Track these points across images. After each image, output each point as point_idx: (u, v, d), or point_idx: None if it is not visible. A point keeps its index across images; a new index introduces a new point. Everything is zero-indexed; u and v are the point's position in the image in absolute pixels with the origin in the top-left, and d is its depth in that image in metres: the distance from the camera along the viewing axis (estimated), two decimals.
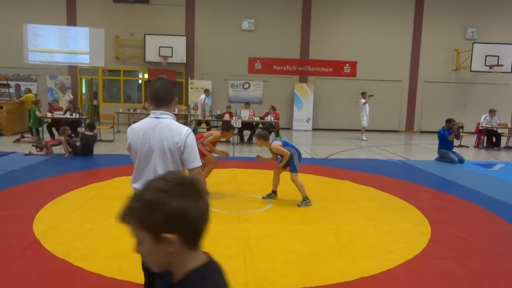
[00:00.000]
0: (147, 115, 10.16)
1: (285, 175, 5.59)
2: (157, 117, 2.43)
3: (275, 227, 4.42)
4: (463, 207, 5.47)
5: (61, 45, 16.24)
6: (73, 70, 16.76)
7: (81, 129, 10.92)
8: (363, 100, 13.65)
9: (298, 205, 5.28)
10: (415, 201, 5.59)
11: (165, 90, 2.47)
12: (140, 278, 3.11)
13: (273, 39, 17.01)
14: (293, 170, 5.39)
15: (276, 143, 5.48)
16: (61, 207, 4.97)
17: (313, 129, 17.16)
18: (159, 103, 2.45)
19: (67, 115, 11.20)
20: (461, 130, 10.82)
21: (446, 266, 3.52)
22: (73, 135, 10.55)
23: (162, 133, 2.37)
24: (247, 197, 5.65)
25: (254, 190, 6.02)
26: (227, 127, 6.23)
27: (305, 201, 5.33)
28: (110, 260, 3.46)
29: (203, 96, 12.81)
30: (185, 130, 2.40)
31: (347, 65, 16.84)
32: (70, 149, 8.74)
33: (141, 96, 17.54)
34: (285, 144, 5.54)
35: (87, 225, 4.31)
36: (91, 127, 9.13)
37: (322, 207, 5.25)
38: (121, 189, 5.90)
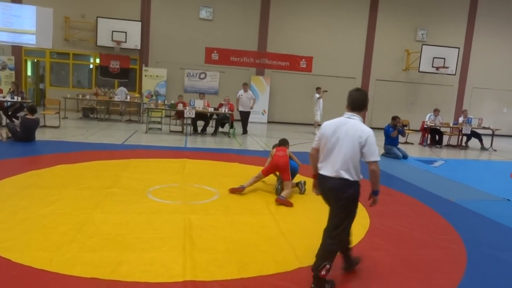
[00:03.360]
0: (97, 101, 10.10)
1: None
2: (349, 118, 3.10)
3: (219, 218, 4.41)
4: (401, 201, 5.73)
5: (4, 23, 15.15)
6: (18, 51, 15.76)
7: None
8: (317, 95, 13.90)
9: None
10: None
11: (361, 99, 3.14)
12: (71, 270, 3.00)
13: (231, 30, 16.88)
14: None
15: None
16: None
17: (268, 122, 17.29)
18: (354, 107, 3.13)
19: (8, 98, 10.52)
20: (405, 128, 11.30)
21: (380, 256, 3.67)
22: (13, 119, 9.95)
23: (349, 130, 3.00)
24: (194, 188, 5.59)
25: (201, 181, 5.96)
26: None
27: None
28: (41, 251, 3.29)
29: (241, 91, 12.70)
30: (367, 131, 2.99)
31: (304, 60, 17.05)
32: (9, 134, 8.23)
33: (91, 81, 16.82)
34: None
35: (19, 214, 4.07)
36: (32, 110, 8.59)
37: (268, 199, 5.30)
38: (62, 178, 5.67)
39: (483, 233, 4.56)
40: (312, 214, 4.81)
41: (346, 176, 2.95)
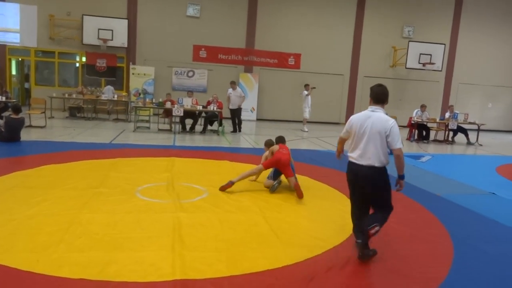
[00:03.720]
0: (84, 100, 9.98)
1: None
2: (373, 111, 3.51)
3: (209, 216, 4.39)
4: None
5: None
6: (1, 49, 15.50)
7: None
8: (305, 92, 13.94)
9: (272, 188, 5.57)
10: (347, 191, 5.79)
11: (383, 94, 3.56)
12: (59, 271, 2.97)
13: (218, 27, 16.82)
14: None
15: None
16: None
17: (257, 119, 17.29)
18: (377, 101, 3.55)
19: None
20: None
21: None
22: None
23: (374, 122, 3.41)
24: (183, 187, 5.56)
25: (190, 180, 5.93)
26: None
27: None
28: (28, 252, 3.24)
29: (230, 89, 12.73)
30: (391, 121, 3.40)
31: (292, 57, 17.08)
32: None
33: (77, 80, 16.61)
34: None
35: (4, 215, 4.00)
36: (17, 109, 8.44)
37: (258, 197, 5.30)
38: (48, 178, 5.59)
39: (469, 226, 4.63)
40: (303, 211, 4.84)
41: (377, 164, 3.40)
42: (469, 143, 13.05)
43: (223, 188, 5.40)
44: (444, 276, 3.28)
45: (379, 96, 3.55)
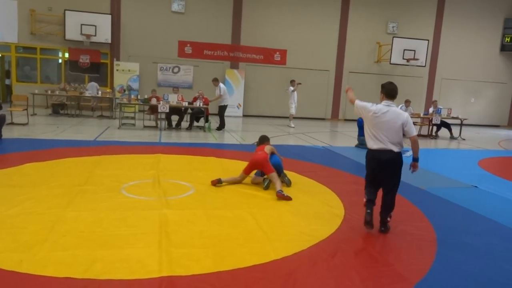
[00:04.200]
0: (67, 97, 9.92)
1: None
2: (389, 105, 4.01)
3: (195, 213, 4.38)
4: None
5: None
6: None
7: None
8: (291, 88, 13.97)
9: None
10: (332, 185, 5.87)
11: (394, 90, 4.08)
12: (43, 271, 2.92)
13: (204, 23, 16.71)
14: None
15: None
16: None
17: (244, 116, 17.28)
18: (390, 97, 4.06)
19: None
20: None
21: (354, 245, 3.74)
22: None
23: (392, 115, 3.94)
24: (170, 183, 5.53)
25: (177, 176, 5.91)
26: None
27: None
28: (10, 252, 3.19)
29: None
30: (405, 114, 3.99)
31: (278, 53, 17.10)
32: None
33: (60, 76, 16.33)
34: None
35: None
36: None
37: (245, 193, 5.31)
38: (31, 176, 5.50)
39: (452, 219, 4.73)
40: (290, 206, 4.85)
41: (396, 150, 3.94)
42: (452, 137, 13.28)
43: (213, 183, 5.53)
44: (428, 267, 3.34)
45: (392, 92, 4.07)
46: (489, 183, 6.73)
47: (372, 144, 4.03)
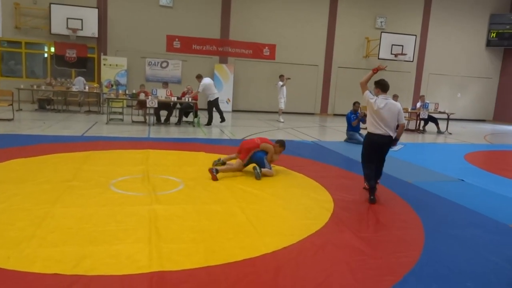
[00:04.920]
0: (54, 92, 9.87)
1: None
2: (386, 98, 5.00)
3: (185, 208, 4.37)
4: (363, 184, 5.88)
5: None
6: None
7: None
8: (280, 83, 13.98)
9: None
10: (322, 180, 5.91)
11: (387, 85, 5.09)
12: (31, 267, 2.90)
13: (192, 17, 16.59)
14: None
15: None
16: None
17: (233, 111, 17.25)
18: (385, 90, 5.07)
19: None
20: (365, 117, 11.58)
21: (344, 238, 3.78)
22: None
23: (390, 106, 4.96)
24: (159, 179, 5.50)
25: (166, 172, 5.88)
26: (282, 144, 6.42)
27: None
28: None
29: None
30: (399, 106, 5.05)
31: (267, 48, 17.07)
32: None
33: (46, 71, 16.07)
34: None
35: None
36: None
37: (234, 187, 5.31)
38: (18, 172, 5.42)
39: (439, 212, 4.80)
40: (279, 200, 4.87)
41: (391, 134, 4.98)
42: (439, 132, 13.44)
43: (211, 171, 5.65)
44: (416, 260, 3.39)
45: (386, 87, 5.07)
46: (475, 177, 6.84)
47: (373, 129, 5.01)
